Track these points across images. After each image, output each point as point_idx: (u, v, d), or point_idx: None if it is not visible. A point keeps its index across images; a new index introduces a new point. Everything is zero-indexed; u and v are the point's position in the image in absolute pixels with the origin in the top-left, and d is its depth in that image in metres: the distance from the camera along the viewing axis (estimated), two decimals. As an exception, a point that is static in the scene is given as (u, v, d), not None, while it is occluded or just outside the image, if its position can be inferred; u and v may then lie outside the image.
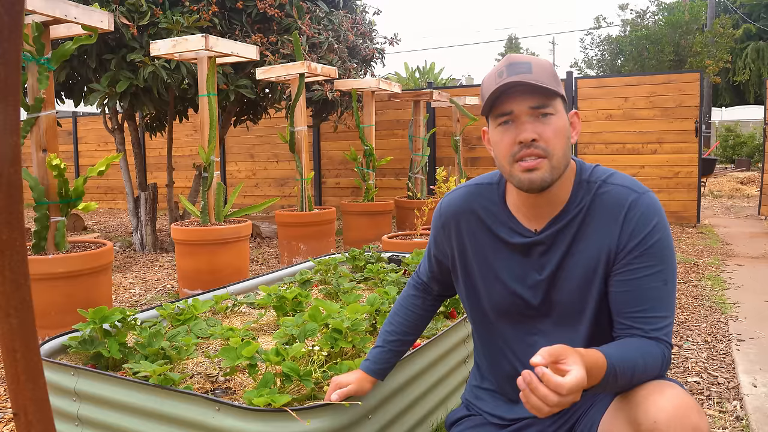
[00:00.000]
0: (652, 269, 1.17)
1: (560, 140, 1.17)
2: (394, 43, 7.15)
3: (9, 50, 0.74)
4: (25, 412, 0.83)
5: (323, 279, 2.70)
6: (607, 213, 1.21)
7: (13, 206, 0.79)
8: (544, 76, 1.15)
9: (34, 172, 3.27)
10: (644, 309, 1.16)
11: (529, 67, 1.16)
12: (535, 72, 1.15)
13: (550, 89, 1.15)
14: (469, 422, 1.42)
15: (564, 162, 1.19)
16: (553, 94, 1.16)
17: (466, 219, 1.35)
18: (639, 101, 7.28)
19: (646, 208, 1.19)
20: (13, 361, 0.82)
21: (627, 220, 1.19)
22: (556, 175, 1.18)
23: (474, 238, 1.34)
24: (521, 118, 1.16)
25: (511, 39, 44.16)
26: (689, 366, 2.68)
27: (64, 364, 1.66)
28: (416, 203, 6.29)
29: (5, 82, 0.75)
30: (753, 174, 13.78)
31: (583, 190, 1.24)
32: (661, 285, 1.18)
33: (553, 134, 1.16)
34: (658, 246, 1.18)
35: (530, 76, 1.14)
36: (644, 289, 1.17)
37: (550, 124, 1.16)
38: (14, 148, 0.78)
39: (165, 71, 4.88)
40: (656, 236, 1.18)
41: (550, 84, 1.15)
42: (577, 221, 1.23)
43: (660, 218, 1.19)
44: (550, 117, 1.16)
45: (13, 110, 0.77)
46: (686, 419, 1.03)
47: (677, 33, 16.44)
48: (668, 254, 1.19)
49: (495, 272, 1.31)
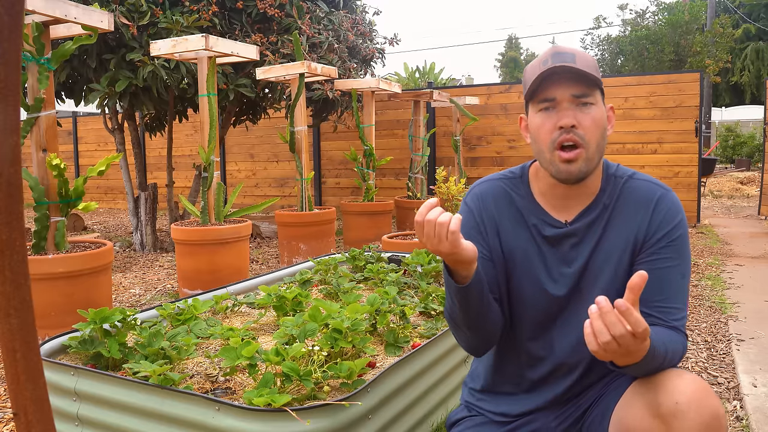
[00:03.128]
0: (673, 261, 1.21)
1: (597, 130, 1.20)
2: (394, 43, 7.15)
3: (9, 50, 0.74)
4: (25, 412, 0.83)
5: (323, 279, 2.70)
6: (635, 205, 1.24)
7: (13, 206, 0.79)
8: (587, 66, 1.18)
9: (34, 172, 3.27)
10: (664, 299, 1.19)
11: (573, 57, 1.18)
12: (579, 62, 1.18)
13: (593, 78, 1.18)
14: (469, 422, 1.42)
15: (598, 154, 1.21)
16: (595, 84, 1.19)
17: (506, 209, 1.33)
18: (639, 101, 7.28)
19: (673, 203, 1.24)
20: (13, 361, 0.82)
21: (656, 211, 1.23)
22: (591, 167, 1.20)
23: (512, 230, 1.31)
24: (563, 104, 1.18)
25: (511, 39, 44.16)
26: (689, 366, 2.68)
27: (64, 364, 1.66)
28: (416, 203, 6.29)
29: (5, 82, 0.75)
30: (753, 174, 13.78)
31: (611, 184, 1.27)
32: (679, 278, 1.21)
33: (592, 124, 1.18)
34: (680, 241, 1.22)
35: (573, 66, 1.16)
36: (665, 279, 1.20)
37: (590, 113, 1.19)
38: (14, 148, 0.78)
39: (164, 71, 4.88)
40: (680, 231, 1.22)
41: (593, 73, 1.18)
42: (607, 214, 1.25)
43: (683, 216, 1.25)
44: (591, 107, 1.19)
45: (13, 110, 0.77)
46: (706, 401, 1.04)
47: (677, 33, 16.44)
48: (688, 251, 1.24)
49: (528, 264, 1.30)
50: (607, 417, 1.19)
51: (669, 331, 1.17)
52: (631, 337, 0.94)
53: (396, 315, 2.04)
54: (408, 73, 21.39)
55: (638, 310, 0.96)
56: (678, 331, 1.18)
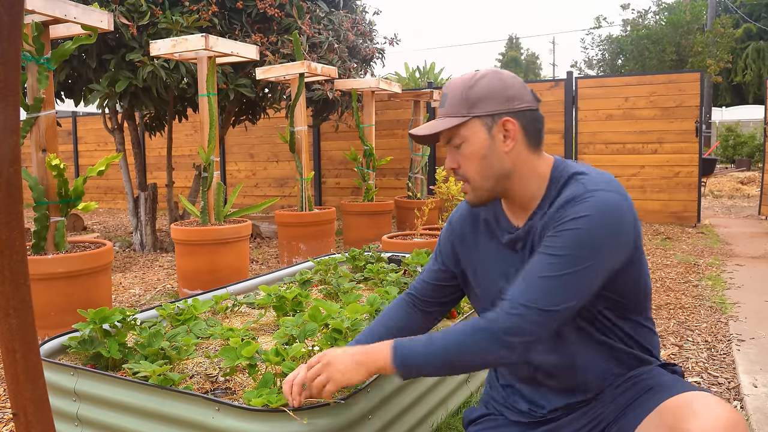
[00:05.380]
0: (548, 250, 1.18)
1: (473, 164, 1.27)
2: (394, 43, 7.15)
3: (9, 50, 0.74)
4: (25, 412, 0.83)
5: (323, 279, 2.70)
6: (558, 205, 1.22)
7: (13, 206, 0.78)
8: (451, 107, 1.26)
9: (34, 172, 3.27)
10: (515, 285, 1.19)
11: (445, 100, 1.28)
12: (447, 103, 1.27)
13: (450, 123, 1.25)
14: (489, 422, 1.42)
15: (487, 180, 1.27)
16: (459, 122, 1.25)
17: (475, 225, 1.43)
18: (639, 101, 7.28)
19: (588, 202, 1.17)
20: (12, 361, 0.82)
21: (560, 209, 1.20)
22: (483, 194, 1.29)
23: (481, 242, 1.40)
24: (448, 150, 1.32)
25: (511, 39, 44.18)
26: (689, 366, 2.68)
27: (63, 365, 1.66)
28: (416, 203, 6.29)
29: (5, 82, 0.75)
30: (753, 174, 13.78)
31: (555, 187, 1.27)
32: (544, 267, 1.16)
33: (465, 161, 1.28)
34: (570, 234, 1.16)
35: (442, 111, 1.28)
36: (532, 265, 1.19)
37: (462, 152, 1.28)
38: (14, 148, 0.78)
39: (164, 71, 4.88)
40: (576, 225, 1.16)
41: (452, 114, 1.26)
42: (546, 216, 1.25)
43: (592, 215, 1.15)
44: (461, 145, 1.27)
45: (13, 110, 0.77)
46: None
47: (678, 33, 16.44)
48: (576, 249, 1.15)
49: (490, 271, 1.37)
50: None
51: (476, 322, 1.19)
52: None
53: (396, 315, 2.04)
54: (408, 73, 21.39)
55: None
56: (505, 305, 1.17)
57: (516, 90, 1.25)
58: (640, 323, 1.30)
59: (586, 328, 1.27)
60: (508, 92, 1.24)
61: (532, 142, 1.27)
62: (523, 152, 1.26)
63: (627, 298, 1.26)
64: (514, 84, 1.25)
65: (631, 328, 1.29)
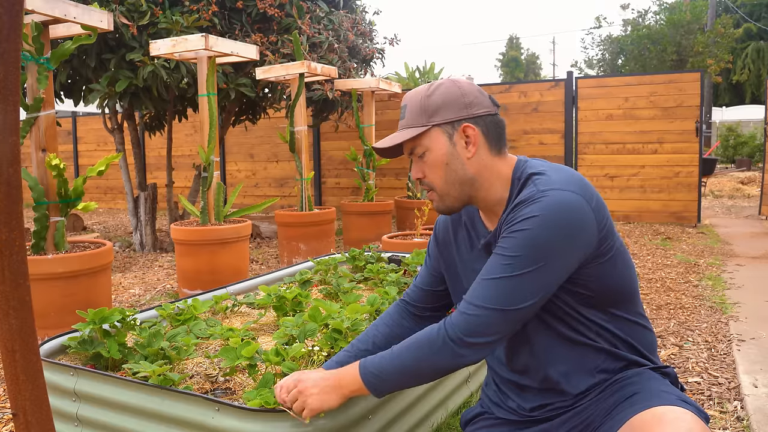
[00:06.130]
0: (500, 251, 1.19)
1: (437, 172, 1.28)
2: (394, 43, 7.15)
3: (8, 50, 0.74)
4: (25, 412, 0.83)
5: (323, 279, 2.70)
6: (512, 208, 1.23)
7: (13, 206, 0.78)
8: (411, 118, 1.28)
9: (34, 172, 3.27)
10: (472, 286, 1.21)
11: (404, 111, 1.29)
12: (407, 114, 1.28)
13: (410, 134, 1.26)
14: (483, 421, 1.43)
15: (453, 187, 1.28)
16: (420, 132, 1.26)
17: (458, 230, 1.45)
18: (639, 101, 7.28)
19: (538, 203, 1.17)
20: (12, 361, 0.82)
21: (511, 211, 1.22)
22: (449, 201, 1.30)
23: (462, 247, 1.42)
24: (412, 160, 1.33)
25: (511, 39, 44.18)
26: (690, 366, 2.68)
27: (63, 365, 1.66)
28: (416, 203, 6.29)
29: (5, 82, 0.75)
30: (754, 174, 13.78)
31: (515, 188, 1.27)
32: (494, 270, 1.18)
33: (430, 170, 1.29)
34: (522, 235, 1.16)
35: (402, 122, 1.30)
36: (485, 267, 1.21)
37: (426, 161, 1.29)
38: (14, 148, 0.78)
39: (164, 71, 4.88)
40: (525, 227, 1.16)
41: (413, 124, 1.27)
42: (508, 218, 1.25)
43: (541, 214, 1.15)
44: (424, 154, 1.29)
45: (13, 110, 0.77)
46: None
47: (678, 33, 16.44)
48: (527, 250, 1.15)
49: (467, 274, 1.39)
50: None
51: (425, 333, 1.22)
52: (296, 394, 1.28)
53: (396, 315, 2.04)
54: (408, 73, 21.38)
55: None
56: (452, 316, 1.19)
57: (474, 96, 1.26)
58: (627, 319, 1.28)
59: (553, 324, 1.27)
60: (465, 99, 1.26)
61: (494, 146, 1.28)
62: (485, 157, 1.27)
63: (597, 293, 1.24)
64: (472, 90, 1.27)
65: (614, 325, 1.27)
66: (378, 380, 1.24)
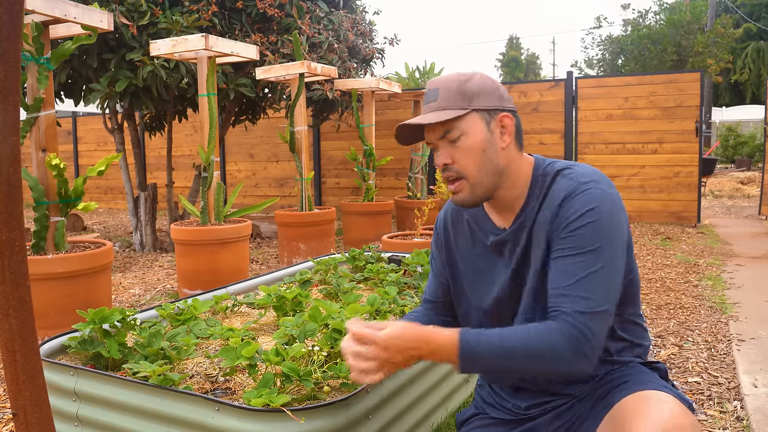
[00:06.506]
0: (575, 250, 1.18)
1: (472, 158, 1.24)
2: (394, 43, 7.15)
3: (8, 50, 0.74)
4: (25, 412, 0.83)
5: (323, 279, 2.70)
6: (553, 202, 1.23)
7: (13, 206, 0.78)
8: (446, 100, 1.23)
9: (34, 172, 3.27)
10: (561, 287, 1.17)
11: (437, 94, 1.24)
12: (441, 97, 1.23)
13: (450, 115, 1.22)
14: (477, 421, 1.43)
15: (487, 175, 1.25)
16: (456, 116, 1.22)
17: (459, 226, 1.42)
18: (639, 101, 7.28)
19: (586, 195, 1.19)
20: (12, 361, 0.82)
21: (561, 206, 1.21)
22: (480, 191, 1.25)
23: (465, 244, 1.39)
24: (438, 146, 1.27)
25: (511, 39, 44.16)
26: (690, 366, 2.68)
27: (63, 364, 1.66)
28: (416, 203, 6.29)
29: (5, 82, 0.75)
30: (754, 174, 13.78)
31: (539, 184, 1.27)
32: (581, 267, 1.16)
33: (463, 155, 1.24)
34: (586, 230, 1.17)
35: (434, 105, 1.24)
36: (564, 268, 1.18)
37: (459, 146, 1.24)
38: (14, 148, 0.78)
39: (164, 71, 4.88)
40: (587, 220, 1.17)
41: (449, 107, 1.22)
42: (533, 215, 1.26)
43: (597, 207, 1.18)
44: (459, 138, 1.23)
45: (13, 110, 0.77)
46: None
47: (678, 33, 16.44)
48: (599, 240, 1.17)
49: (475, 273, 1.37)
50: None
51: (541, 327, 1.14)
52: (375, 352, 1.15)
53: (396, 315, 2.04)
54: (408, 73, 21.38)
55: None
56: (560, 318, 1.14)
57: (504, 91, 1.28)
58: (630, 320, 1.30)
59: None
60: (500, 91, 1.27)
61: (518, 142, 1.29)
62: (513, 151, 1.27)
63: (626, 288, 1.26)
64: (501, 86, 1.28)
65: (619, 326, 1.28)
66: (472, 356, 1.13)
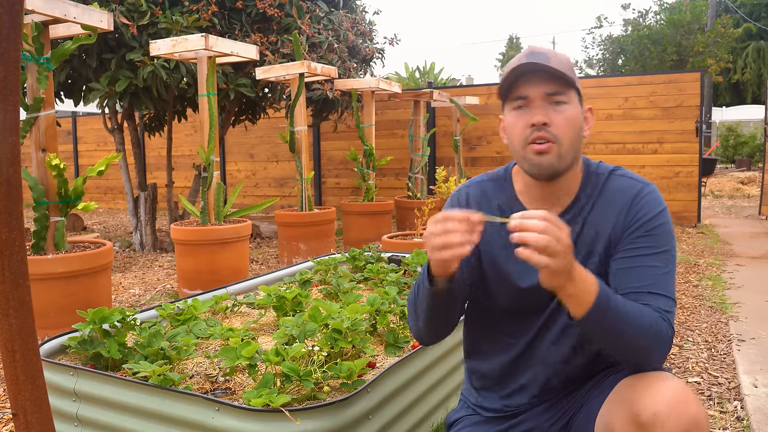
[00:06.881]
0: (654, 250, 1.19)
1: (571, 129, 1.19)
2: (394, 43, 7.15)
3: (8, 50, 0.74)
4: (25, 412, 0.83)
5: (323, 279, 2.70)
6: (613, 200, 1.24)
7: (13, 206, 0.78)
8: (561, 66, 1.18)
9: (34, 172, 3.27)
10: (644, 285, 1.17)
11: (548, 57, 1.18)
12: (553, 62, 1.18)
13: (566, 77, 1.17)
14: (466, 421, 1.43)
15: (572, 152, 1.21)
16: (569, 84, 1.19)
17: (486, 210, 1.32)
18: (639, 101, 7.28)
19: (653, 196, 1.23)
20: (12, 361, 0.82)
21: (634, 204, 1.22)
22: (563, 164, 1.20)
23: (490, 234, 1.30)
24: (535, 102, 1.18)
25: (511, 39, 44.11)
26: (690, 366, 2.68)
27: (63, 365, 1.66)
28: (416, 203, 6.29)
29: (5, 82, 0.75)
30: (754, 174, 13.78)
31: (592, 183, 1.27)
32: (661, 266, 1.18)
33: (565, 122, 1.18)
34: (662, 230, 1.21)
35: (548, 64, 1.17)
36: (645, 267, 1.18)
37: (563, 112, 1.18)
38: (14, 148, 0.78)
39: (164, 71, 4.88)
40: (660, 221, 1.21)
41: (567, 73, 1.18)
42: (585, 211, 1.25)
43: (664, 208, 1.23)
44: (564, 105, 1.19)
45: (13, 110, 0.77)
46: (686, 410, 1.03)
47: (679, 33, 16.44)
48: (670, 242, 1.21)
49: (505, 269, 1.29)
50: (592, 420, 1.20)
51: (650, 310, 1.14)
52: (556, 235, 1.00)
53: (396, 315, 2.04)
54: (408, 73, 21.41)
55: None
56: (660, 314, 1.14)
57: None
58: None
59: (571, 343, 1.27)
60: None
61: None
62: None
63: None
64: None
65: None
66: (605, 306, 1.08)
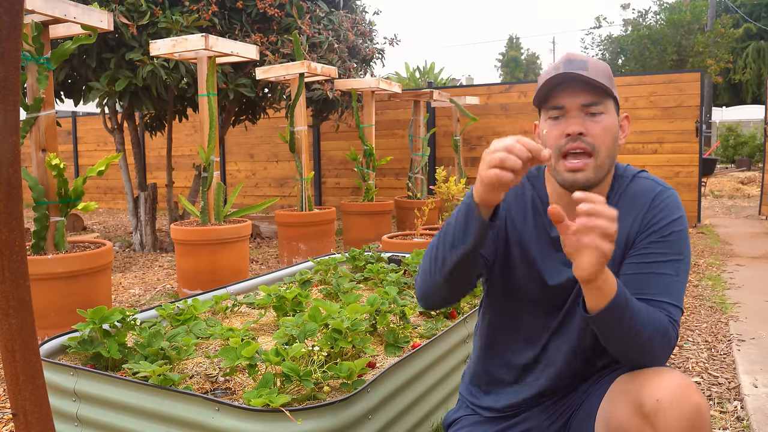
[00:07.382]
0: (666, 257, 1.18)
1: (608, 139, 1.19)
2: (394, 43, 7.15)
3: (8, 50, 0.74)
4: (25, 412, 0.83)
5: (323, 279, 2.70)
6: (632, 203, 1.23)
7: (13, 206, 0.78)
8: (599, 76, 1.17)
9: (34, 172, 3.27)
10: (654, 293, 1.16)
11: (586, 65, 1.17)
12: (591, 70, 1.17)
13: (603, 88, 1.17)
14: (465, 421, 1.43)
15: (609, 162, 1.21)
16: (606, 94, 1.18)
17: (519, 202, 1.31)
18: (639, 101, 7.28)
19: (670, 201, 1.23)
20: (12, 362, 0.82)
21: (652, 207, 1.22)
22: (600, 175, 1.20)
23: (522, 223, 1.30)
24: (571, 113, 1.18)
25: (511, 39, 44.13)
26: (690, 366, 2.68)
27: (63, 365, 1.66)
28: (416, 203, 6.29)
29: (5, 81, 0.75)
30: (754, 174, 13.78)
31: (618, 185, 1.27)
32: (672, 274, 1.18)
33: (602, 132, 1.18)
34: (677, 237, 1.20)
35: (586, 74, 1.16)
36: (656, 274, 1.18)
37: (600, 122, 1.18)
38: (14, 148, 0.78)
39: (164, 70, 4.88)
40: (677, 228, 1.20)
41: (605, 83, 1.17)
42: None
43: (682, 215, 1.22)
44: (601, 115, 1.18)
45: (13, 110, 0.77)
46: (687, 397, 1.04)
47: (679, 33, 16.45)
48: (685, 249, 1.20)
49: (533, 262, 1.28)
50: (593, 416, 1.20)
51: (660, 314, 1.14)
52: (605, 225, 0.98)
53: (396, 315, 2.04)
54: (408, 73, 21.41)
55: None
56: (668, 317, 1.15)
57: None
58: None
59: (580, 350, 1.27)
60: None
61: None
62: None
63: None
64: None
65: None
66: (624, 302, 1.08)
